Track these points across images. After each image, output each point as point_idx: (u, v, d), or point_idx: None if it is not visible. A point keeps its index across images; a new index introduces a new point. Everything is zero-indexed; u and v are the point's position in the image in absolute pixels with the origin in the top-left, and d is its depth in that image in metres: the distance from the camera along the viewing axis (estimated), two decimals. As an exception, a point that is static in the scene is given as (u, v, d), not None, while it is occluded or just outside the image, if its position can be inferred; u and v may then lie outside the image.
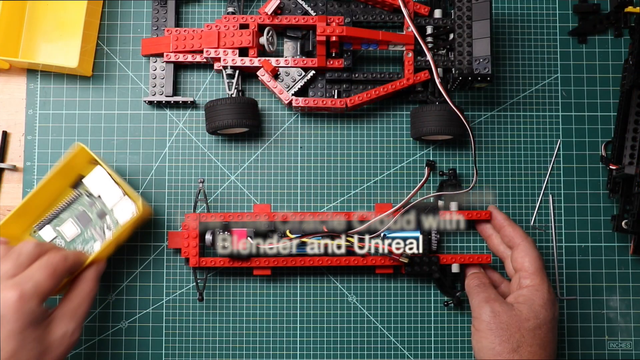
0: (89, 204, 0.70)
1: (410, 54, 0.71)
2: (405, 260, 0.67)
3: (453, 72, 0.68)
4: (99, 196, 0.69)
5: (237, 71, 0.71)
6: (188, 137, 0.74)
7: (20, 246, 0.58)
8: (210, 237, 0.68)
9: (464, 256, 0.69)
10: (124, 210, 0.68)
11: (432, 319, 0.72)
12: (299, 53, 0.73)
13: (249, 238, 0.67)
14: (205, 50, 0.70)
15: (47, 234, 0.70)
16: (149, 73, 0.73)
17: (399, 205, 0.69)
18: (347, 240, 0.68)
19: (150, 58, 0.73)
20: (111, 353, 0.71)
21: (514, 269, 0.66)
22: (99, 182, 0.69)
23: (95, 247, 0.69)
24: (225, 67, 0.71)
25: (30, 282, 0.55)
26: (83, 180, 0.69)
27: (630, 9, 0.73)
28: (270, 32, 0.72)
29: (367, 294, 0.72)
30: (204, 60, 0.71)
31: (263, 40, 0.70)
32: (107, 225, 0.69)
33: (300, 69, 0.71)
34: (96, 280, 0.63)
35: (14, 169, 0.73)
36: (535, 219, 0.73)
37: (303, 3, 0.72)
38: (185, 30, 0.71)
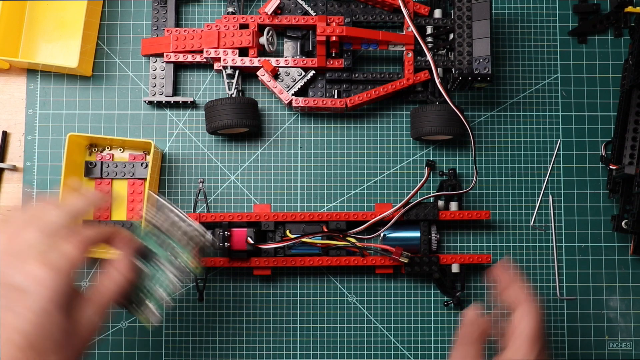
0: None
1: (410, 54, 0.71)
2: (405, 260, 0.67)
3: (453, 72, 0.68)
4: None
5: (237, 71, 0.71)
6: (188, 137, 0.74)
7: (51, 213, 0.51)
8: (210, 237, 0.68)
9: (464, 256, 0.69)
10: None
11: (432, 319, 0.72)
12: (299, 53, 0.73)
13: (249, 238, 0.67)
14: (205, 50, 0.70)
15: None
16: (149, 73, 0.73)
17: (399, 205, 0.69)
18: (347, 240, 0.68)
19: (150, 58, 0.73)
20: (111, 353, 0.71)
21: (514, 324, 0.55)
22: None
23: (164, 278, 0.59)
24: (225, 67, 0.71)
25: (62, 256, 0.48)
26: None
27: (630, 9, 0.73)
28: (270, 32, 0.72)
29: (367, 294, 0.72)
30: (204, 60, 0.71)
31: (263, 40, 0.70)
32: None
33: (300, 69, 0.71)
34: (128, 268, 0.54)
35: (14, 169, 0.73)
36: (535, 219, 0.73)
37: (303, 3, 0.72)
38: (185, 30, 0.71)
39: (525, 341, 0.52)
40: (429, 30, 0.72)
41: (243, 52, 0.71)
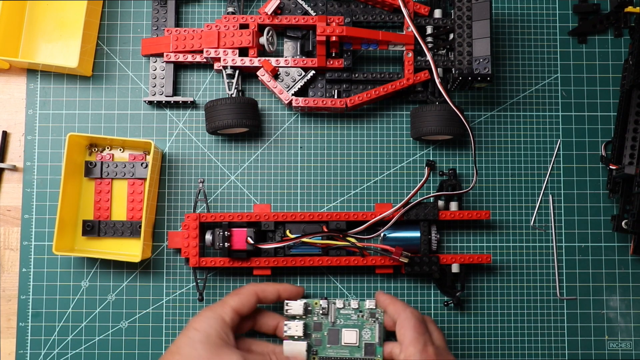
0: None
1: (410, 54, 0.71)
2: (405, 260, 0.67)
3: (453, 72, 0.68)
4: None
5: (237, 71, 0.71)
6: (188, 137, 0.74)
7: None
8: (210, 237, 0.68)
9: (464, 256, 0.69)
10: None
11: (432, 319, 0.72)
12: (299, 53, 0.73)
13: (249, 238, 0.67)
14: (205, 50, 0.70)
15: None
16: (149, 73, 0.73)
17: (399, 205, 0.69)
18: (347, 240, 0.68)
19: (150, 58, 0.73)
20: (111, 353, 0.71)
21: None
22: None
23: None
24: (225, 67, 0.71)
25: (221, 303, 0.63)
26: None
27: (630, 9, 0.73)
28: (270, 32, 0.72)
29: (367, 294, 0.72)
30: (204, 60, 0.71)
31: (263, 40, 0.70)
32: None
33: (300, 69, 0.71)
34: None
35: (14, 169, 0.73)
36: (535, 219, 0.73)
37: (303, 3, 0.72)
38: (185, 30, 0.71)
39: (410, 346, 0.59)
40: (429, 30, 0.72)
41: (243, 52, 0.71)
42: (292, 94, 0.71)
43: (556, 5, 0.76)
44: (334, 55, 0.71)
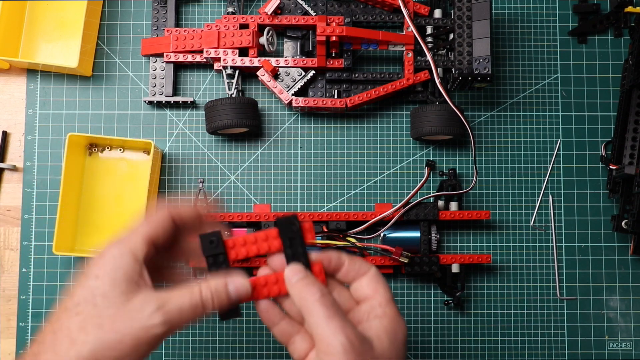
0: None
1: (410, 54, 0.71)
2: (405, 260, 0.67)
3: (453, 72, 0.68)
4: None
5: (237, 71, 0.71)
6: (188, 137, 0.74)
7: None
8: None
9: (464, 256, 0.69)
10: None
11: (432, 319, 0.72)
12: (299, 53, 0.73)
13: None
14: (205, 50, 0.70)
15: None
16: (149, 73, 0.73)
17: (399, 205, 0.69)
18: (347, 240, 0.68)
19: (150, 58, 0.73)
20: (111, 353, 0.71)
21: (360, 297, 0.48)
22: None
23: None
24: (225, 67, 0.71)
25: (130, 233, 0.45)
26: None
27: (630, 9, 0.73)
28: (270, 32, 0.72)
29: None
30: (204, 60, 0.71)
31: (263, 40, 0.70)
32: None
33: (300, 69, 0.71)
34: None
35: (14, 169, 0.73)
36: (535, 219, 0.73)
37: (303, 3, 0.72)
38: (185, 30, 0.71)
39: (389, 305, 0.47)
40: (429, 30, 0.72)
41: (243, 52, 0.71)
42: (292, 94, 0.71)
43: (556, 5, 0.76)
44: (334, 55, 0.71)
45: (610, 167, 0.70)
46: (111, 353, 0.41)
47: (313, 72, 0.71)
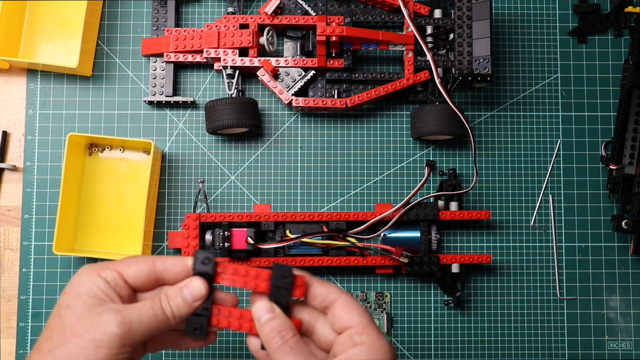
0: None
1: (410, 54, 0.71)
2: (405, 260, 0.67)
3: (453, 72, 0.68)
4: None
5: (237, 71, 0.71)
6: (188, 137, 0.74)
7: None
8: (210, 237, 0.68)
9: (464, 256, 0.69)
10: None
11: (432, 319, 0.72)
12: (299, 53, 0.73)
13: (249, 238, 0.67)
14: (205, 50, 0.70)
15: None
16: (149, 73, 0.73)
17: (399, 205, 0.69)
18: (347, 240, 0.68)
19: (150, 58, 0.73)
20: (111, 353, 0.71)
21: (338, 328, 0.47)
22: None
23: None
24: (225, 67, 0.71)
25: (105, 262, 0.47)
26: None
27: (630, 9, 0.73)
28: (270, 32, 0.72)
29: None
30: (204, 60, 0.71)
31: (263, 40, 0.70)
32: None
33: (300, 69, 0.71)
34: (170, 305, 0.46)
35: (14, 169, 0.73)
36: (535, 219, 0.73)
37: (303, 3, 0.72)
38: (185, 30, 0.71)
39: (366, 332, 0.47)
40: (429, 30, 0.72)
41: (243, 52, 0.71)
42: (292, 94, 0.71)
43: (556, 5, 0.76)
44: (334, 55, 0.71)
45: (610, 167, 0.70)
46: (71, 357, 0.43)
47: (313, 72, 0.71)
